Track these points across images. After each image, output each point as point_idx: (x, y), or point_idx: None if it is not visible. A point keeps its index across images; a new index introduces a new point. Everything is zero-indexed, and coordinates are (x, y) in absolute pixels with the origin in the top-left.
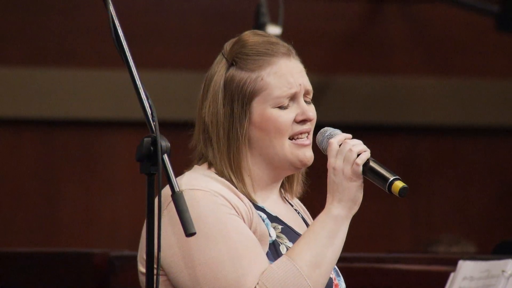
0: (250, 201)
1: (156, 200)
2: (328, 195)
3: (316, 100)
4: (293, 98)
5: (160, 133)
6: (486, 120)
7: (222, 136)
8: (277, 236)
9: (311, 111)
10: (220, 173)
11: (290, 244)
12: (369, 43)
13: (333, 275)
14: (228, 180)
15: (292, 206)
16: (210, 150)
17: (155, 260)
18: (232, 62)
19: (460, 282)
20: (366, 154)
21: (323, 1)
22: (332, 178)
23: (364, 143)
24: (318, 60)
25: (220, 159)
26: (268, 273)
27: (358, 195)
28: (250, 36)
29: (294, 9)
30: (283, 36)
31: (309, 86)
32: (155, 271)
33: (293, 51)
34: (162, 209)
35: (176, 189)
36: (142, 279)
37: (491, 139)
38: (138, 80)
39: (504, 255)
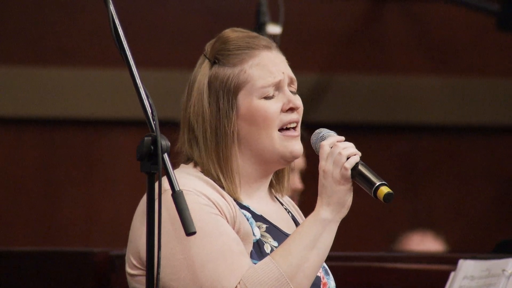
0: (235, 200)
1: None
2: (318, 198)
3: (316, 99)
4: (277, 87)
5: (160, 132)
6: (487, 119)
7: (210, 134)
8: (262, 235)
9: (297, 100)
10: (207, 172)
11: (274, 243)
12: (370, 42)
13: (321, 274)
14: (215, 178)
15: (282, 205)
16: (196, 150)
17: (146, 261)
18: (214, 61)
19: (460, 281)
20: (355, 158)
21: (324, 0)
22: (322, 181)
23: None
24: (318, 59)
25: (207, 157)
26: (250, 274)
27: (347, 199)
28: (229, 33)
29: (295, 8)
30: (284, 35)
31: (292, 75)
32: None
33: (274, 44)
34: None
35: (177, 188)
36: (130, 280)
37: (491, 138)
38: (139, 79)
39: (505, 255)
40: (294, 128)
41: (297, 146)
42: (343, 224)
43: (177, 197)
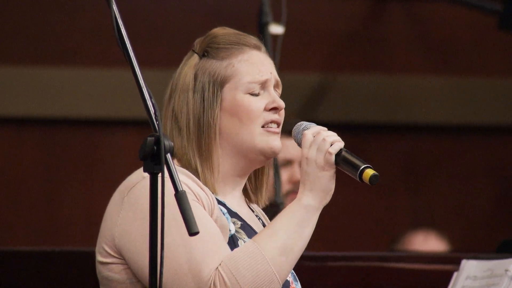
0: (213, 193)
1: (159, 198)
2: (300, 185)
3: (318, 99)
4: (263, 86)
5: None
6: (488, 119)
7: (193, 124)
8: (236, 231)
9: (281, 101)
10: (186, 162)
11: (248, 240)
12: (372, 42)
13: (290, 279)
14: (193, 171)
15: (253, 211)
16: (178, 140)
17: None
18: (203, 53)
19: (463, 281)
20: (339, 144)
21: (326, 0)
22: (304, 168)
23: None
24: (320, 59)
25: (188, 147)
26: (232, 257)
27: (330, 186)
28: (220, 30)
29: (297, 8)
30: (286, 35)
31: (279, 79)
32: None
33: (263, 47)
34: (122, 195)
35: (180, 188)
36: (101, 269)
37: (493, 138)
38: (141, 79)
39: (507, 254)
40: (276, 126)
41: (277, 142)
42: (344, 224)
43: (180, 197)
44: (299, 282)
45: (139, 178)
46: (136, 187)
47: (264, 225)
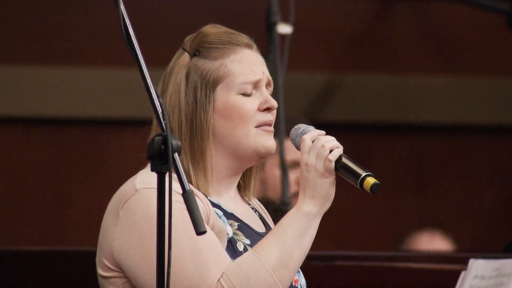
0: (206, 197)
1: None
2: (300, 192)
3: (325, 99)
4: (256, 86)
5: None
6: (495, 119)
7: (185, 126)
8: (234, 233)
9: (274, 101)
10: None
11: (247, 241)
12: (379, 41)
13: None
14: (185, 173)
15: (249, 204)
16: None
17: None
18: (194, 53)
19: (471, 281)
20: (339, 150)
21: (334, 0)
22: (304, 174)
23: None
24: (328, 59)
25: (181, 149)
26: (233, 267)
27: (330, 192)
28: (211, 28)
29: (305, 8)
30: (294, 35)
31: (270, 77)
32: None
33: (255, 45)
34: (117, 209)
35: (187, 187)
36: (102, 282)
37: (500, 137)
38: (149, 79)
39: None
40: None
41: (271, 142)
42: (351, 224)
43: (188, 197)
44: (301, 273)
45: (133, 191)
46: (130, 200)
47: (261, 217)
